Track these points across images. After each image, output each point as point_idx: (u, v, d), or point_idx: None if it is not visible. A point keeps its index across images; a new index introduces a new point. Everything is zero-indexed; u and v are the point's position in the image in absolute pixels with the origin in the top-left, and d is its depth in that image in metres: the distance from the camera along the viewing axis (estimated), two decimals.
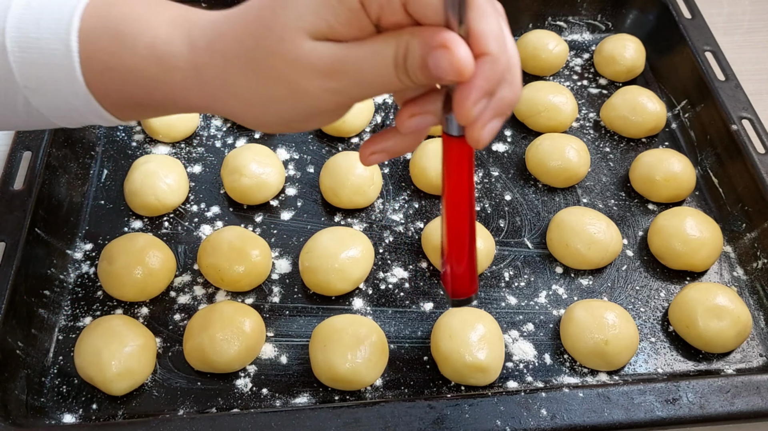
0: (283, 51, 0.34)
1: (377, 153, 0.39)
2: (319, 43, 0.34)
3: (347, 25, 0.34)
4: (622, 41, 0.75)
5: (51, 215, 0.59)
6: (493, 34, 0.33)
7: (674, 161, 0.64)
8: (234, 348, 0.51)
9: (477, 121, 0.35)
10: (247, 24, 0.36)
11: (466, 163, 0.39)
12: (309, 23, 0.34)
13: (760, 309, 0.58)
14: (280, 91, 0.36)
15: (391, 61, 0.34)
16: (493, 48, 0.33)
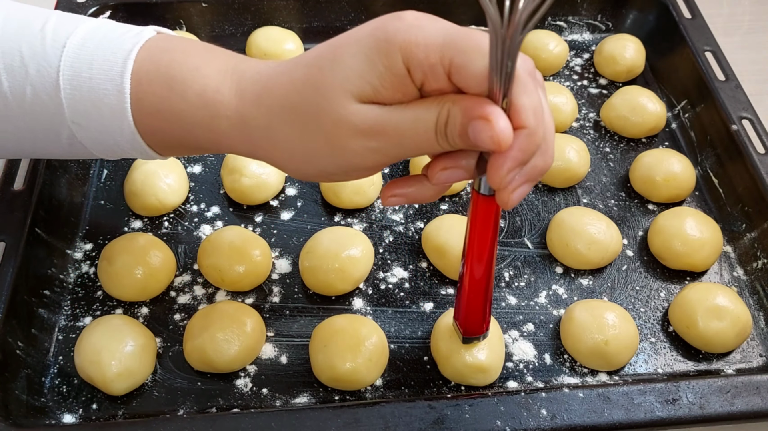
0: (328, 110, 0.36)
1: (398, 196, 0.41)
2: (363, 106, 0.36)
3: (392, 89, 0.35)
4: (622, 41, 0.75)
5: (51, 215, 0.59)
6: (533, 108, 0.35)
7: (674, 161, 0.64)
8: (234, 348, 0.51)
9: (508, 186, 0.36)
10: (294, 81, 0.38)
11: (493, 218, 0.41)
12: (355, 86, 0.35)
13: (760, 310, 0.58)
14: (323, 147, 0.37)
15: (432, 126, 0.35)
16: (531, 122, 0.35)
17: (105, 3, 0.72)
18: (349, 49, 0.36)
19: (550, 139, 0.37)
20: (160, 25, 0.75)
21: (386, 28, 0.35)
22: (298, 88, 0.37)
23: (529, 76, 0.35)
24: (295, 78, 0.38)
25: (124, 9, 0.74)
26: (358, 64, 0.35)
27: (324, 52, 0.37)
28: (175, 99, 0.40)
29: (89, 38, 0.42)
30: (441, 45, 0.34)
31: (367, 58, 0.35)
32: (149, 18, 0.74)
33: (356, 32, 0.37)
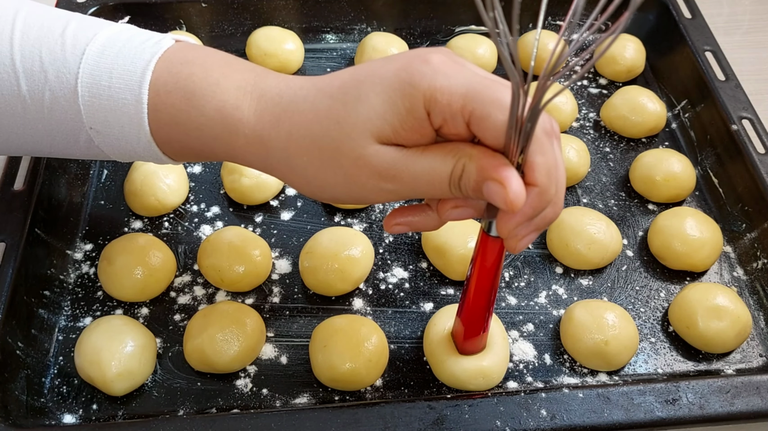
0: (347, 148, 0.37)
1: (402, 225, 0.42)
2: (382, 147, 0.37)
3: (410, 131, 0.36)
4: (622, 41, 0.75)
5: (51, 215, 0.59)
6: (546, 167, 0.36)
7: (674, 161, 0.64)
8: (234, 348, 0.51)
9: (516, 237, 0.37)
10: (317, 112, 0.38)
11: (497, 257, 0.42)
12: (376, 127, 0.36)
13: (760, 309, 0.58)
14: (338, 180, 0.38)
15: (446, 177, 0.37)
16: (543, 182, 0.36)
17: (105, 3, 0.72)
18: (374, 88, 0.36)
19: (561, 193, 0.38)
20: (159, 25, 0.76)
21: (412, 71, 0.36)
22: (321, 120, 0.38)
23: (546, 136, 0.36)
24: (319, 109, 0.38)
25: (124, 9, 0.73)
26: (380, 104, 0.36)
27: (348, 86, 0.38)
28: (194, 113, 0.41)
29: (109, 46, 0.42)
30: (464, 95, 0.35)
31: (390, 99, 0.36)
32: (149, 18, 0.74)
33: (382, 68, 0.37)
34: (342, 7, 0.77)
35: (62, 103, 0.42)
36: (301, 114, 0.39)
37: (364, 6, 0.77)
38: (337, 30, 0.78)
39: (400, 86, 0.36)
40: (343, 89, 0.38)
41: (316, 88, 0.39)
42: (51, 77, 0.42)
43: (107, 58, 0.42)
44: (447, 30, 0.79)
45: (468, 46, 0.73)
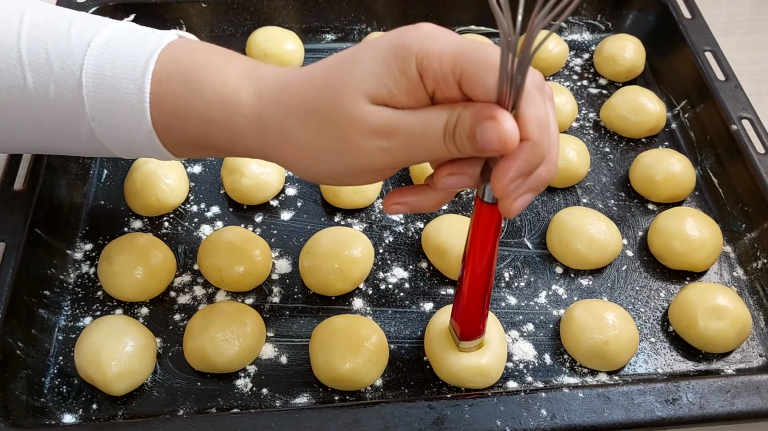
0: (342, 108, 0.37)
1: (400, 204, 0.42)
2: (376, 107, 0.37)
3: (405, 93, 0.37)
4: (622, 41, 0.75)
5: (51, 215, 0.59)
6: (538, 120, 0.36)
7: (674, 161, 0.64)
8: (234, 348, 0.51)
9: (511, 194, 0.37)
10: (312, 81, 0.39)
11: (494, 226, 0.42)
12: (371, 87, 0.37)
13: (760, 309, 0.58)
14: (334, 145, 0.39)
15: (441, 128, 0.37)
16: (536, 134, 0.36)
17: (105, 3, 0.72)
18: (368, 54, 0.37)
19: (555, 151, 0.38)
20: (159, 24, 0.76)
21: (404, 37, 0.37)
22: (316, 87, 0.39)
23: (537, 90, 0.36)
24: (314, 79, 0.39)
25: (124, 9, 0.73)
26: (375, 67, 0.37)
27: (343, 57, 0.39)
28: (194, 98, 0.41)
29: (114, 38, 0.43)
30: (454, 55, 0.36)
31: (384, 62, 0.36)
32: (149, 18, 0.74)
33: (376, 40, 0.38)
34: (342, 7, 0.77)
35: (66, 95, 0.42)
36: (297, 86, 0.39)
37: (364, 6, 0.77)
38: (337, 30, 0.78)
39: (393, 50, 0.36)
40: (338, 59, 0.39)
41: (312, 66, 0.40)
42: (56, 69, 0.42)
43: (111, 50, 0.42)
44: None
45: None
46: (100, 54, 0.42)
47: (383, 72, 0.36)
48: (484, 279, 0.45)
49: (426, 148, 0.38)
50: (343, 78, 0.37)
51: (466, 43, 0.36)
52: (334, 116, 0.38)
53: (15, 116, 0.44)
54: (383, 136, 0.37)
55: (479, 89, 0.36)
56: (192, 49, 0.43)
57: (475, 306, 0.47)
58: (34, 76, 0.42)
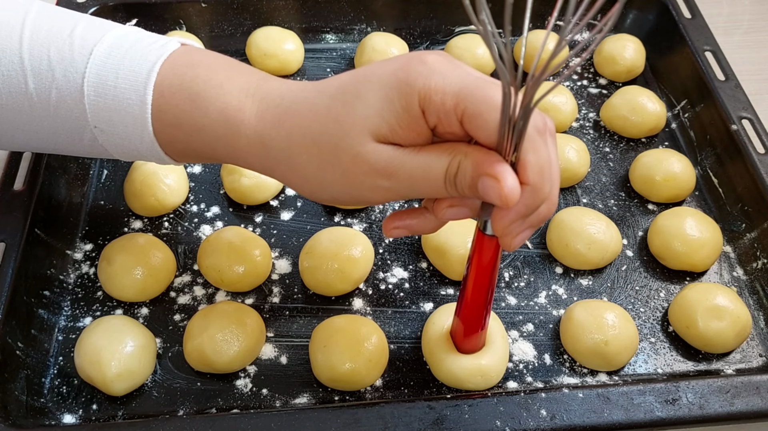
0: (346, 146, 0.38)
1: (400, 228, 0.43)
2: (379, 145, 0.37)
3: (407, 129, 0.37)
4: (622, 41, 0.75)
5: (51, 215, 0.59)
6: (539, 166, 0.36)
7: (674, 161, 0.64)
8: (234, 348, 0.51)
9: (510, 234, 0.38)
10: (316, 111, 0.39)
11: (494, 255, 0.42)
12: (374, 125, 0.37)
13: (760, 309, 0.58)
14: (337, 178, 0.39)
15: (441, 175, 0.37)
16: (536, 180, 0.36)
17: (105, 3, 0.72)
18: (372, 87, 0.37)
19: (555, 191, 0.39)
20: (159, 25, 0.76)
21: (409, 70, 0.37)
22: (320, 119, 0.39)
23: (539, 135, 0.36)
24: (318, 108, 0.39)
25: (124, 9, 0.73)
26: (378, 102, 0.37)
27: (347, 86, 0.39)
28: (197, 114, 0.41)
29: (116, 47, 0.43)
30: (457, 93, 0.36)
31: (387, 97, 0.37)
32: (149, 18, 0.74)
33: (380, 68, 0.38)
34: (342, 7, 0.77)
35: (68, 102, 0.42)
36: (301, 114, 0.39)
37: (364, 6, 0.77)
38: (337, 30, 0.78)
39: (397, 85, 0.36)
40: (342, 89, 0.39)
41: (316, 90, 0.40)
42: (58, 76, 0.42)
43: (114, 59, 0.42)
44: (447, 30, 0.79)
45: (468, 46, 0.73)
46: (103, 63, 0.42)
47: (386, 108, 0.37)
48: (483, 302, 0.46)
49: (426, 190, 0.38)
50: (347, 112, 0.38)
51: (471, 81, 0.36)
52: (338, 152, 0.38)
53: (17, 119, 0.44)
54: (385, 177, 0.38)
55: (480, 130, 0.36)
56: (195, 61, 0.43)
57: (474, 328, 0.48)
58: (35, 82, 0.42)
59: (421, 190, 0.39)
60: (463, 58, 0.73)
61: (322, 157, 0.39)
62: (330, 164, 0.39)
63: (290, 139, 0.39)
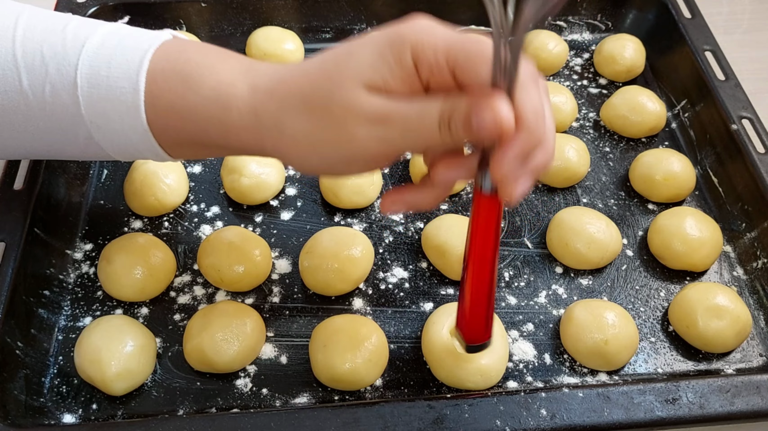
0: (338, 97, 0.38)
1: (398, 203, 0.43)
2: (372, 95, 0.38)
3: (400, 82, 0.37)
4: (622, 41, 0.75)
5: (51, 215, 0.59)
6: (533, 107, 0.37)
7: (674, 161, 0.64)
8: (234, 348, 0.51)
9: (510, 179, 0.38)
10: (309, 74, 0.40)
11: (495, 219, 0.41)
12: (367, 76, 0.37)
13: (760, 309, 0.58)
14: (330, 134, 0.39)
15: (436, 116, 0.37)
16: (531, 120, 0.37)
17: (105, 3, 0.72)
18: (364, 45, 0.38)
19: (551, 137, 0.39)
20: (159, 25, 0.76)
21: (399, 28, 0.38)
22: (312, 79, 0.39)
23: (531, 79, 0.37)
24: (310, 71, 0.40)
25: (124, 9, 0.73)
26: (370, 57, 0.37)
27: (340, 50, 0.39)
28: (189, 95, 0.41)
29: (108, 38, 0.43)
30: (448, 45, 0.37)
31: (380, 52, 0.37)
32: (149, 18, 0.74)
33: (372, 33, 0.39)
34: (342, 7, 0.77)
35: (63, 97, 0.43)
36: (293, 80, 0.40)
37: (363, 6, 0.77)
38: (336, 30, 0.78)
39: (389, 41, 0.37)
40: (334, 53, 0.40)
41: (309, 59, 0.41)
42: (51, 71, 0.42)
43: (106, 50, 0.42)
44: None
45: None
46: (95, 54, 0.42)
47: (379, 62, 0.37)
48: (488, 277, 0.44)
49: (421, 136, 0.38)
50: (340, 69, 0.38)
51: (460, 36, 0.37)
52: (330, 106, 0.38)
53: (12, 119, 0.44)
54: (379, 123, 0.38)
55: (473, 78, 0.36)
56: (187, 47, 0.43)
57: (480, 307, 0.46)
58: (29, 78, 0.43)
59: (416, 138, 0.38)
60: None
61: (313, 114, 0.39)
62: (321, 120, 0.39)
63: (282, 103, 0.40)
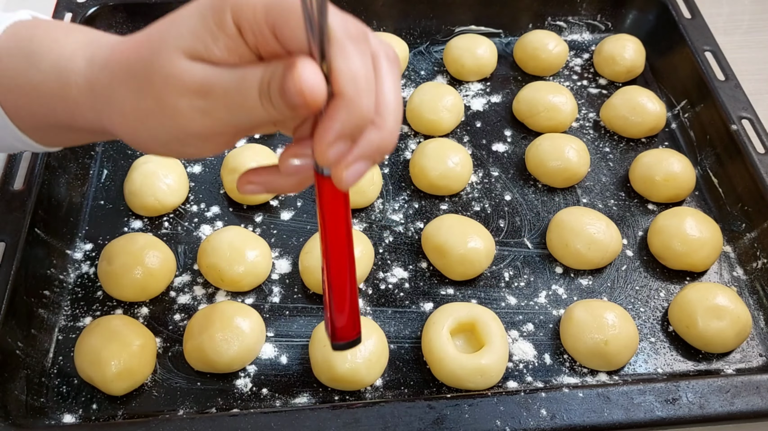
0: (157, 66, 0.35)
1: (254, 184, 0.39)
2: (194, 64, 0.35)
3: (225, 50, 0.34)
4: (622, 41, 0.75)
5: (51, 215, 0.59)
6: (352, 74, 0.33)
7: (674, 161, 0.64)
8: (234, 348, 0.51)
9: (338, 163, 0.34)
10: (136, 42, 0.37)
11: (342, 203, 0.38)
12: (187, 43, 0.35)
13: (760, 309, 0.58)
14: (153, 107, 0.36)
15: (255, 85, 0.34)
16: (348, 89, 0.33)
17: (105, 3, 0.72)
18: (187, 10, 0.35)
19: (389, 115, 0.35)
20: None
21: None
22: (137, 47, 0.37)
23: (351, 41, 0.33)
24: (138, 40, 0.37)
25: (124, 9, 0.74)
26: (192, 22, 0.35)
27: (168, 17, 0.37)
28: (32, 71, 0.40)
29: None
30: (266, 4, 0.33)
31: (202, 16, 0.34)
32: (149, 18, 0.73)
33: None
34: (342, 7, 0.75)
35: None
36: (123, 50, 0.38)
37: (364, 6, 0.77)
38: None
39: (211, 3, 0.34)
40: (162, 20, 0.37)
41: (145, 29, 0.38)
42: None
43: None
44: (447, 30, 0.79)
45: (468, 46, 0.73)
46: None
47: (200, 27, 0.34)
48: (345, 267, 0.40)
49: (244, 108, 0.35)
50: (161, 36, 0.35)
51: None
52: (150, 76, 0.36)
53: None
54: (199, 95, 0.35)
55: (291, 41, 0.33)
56: (37, 24, 0.42)
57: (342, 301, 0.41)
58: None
59: (239, 110, 0.35)
60: (463, 58, 0.73)
61: (137, 85, 0.36)
62: (144, 91, 0.36)
63: (112, 76, 0.38)
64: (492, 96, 0.74)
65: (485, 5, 0.78)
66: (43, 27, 0.41)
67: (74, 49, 0.40)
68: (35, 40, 0.41)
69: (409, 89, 0.74)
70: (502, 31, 0.79)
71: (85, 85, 0.39)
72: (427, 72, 0.76)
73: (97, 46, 0.39)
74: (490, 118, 0.72)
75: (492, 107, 0.73)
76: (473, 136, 0.70)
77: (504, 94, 0.74)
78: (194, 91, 0.35)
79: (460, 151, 0.64)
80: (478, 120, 0.72)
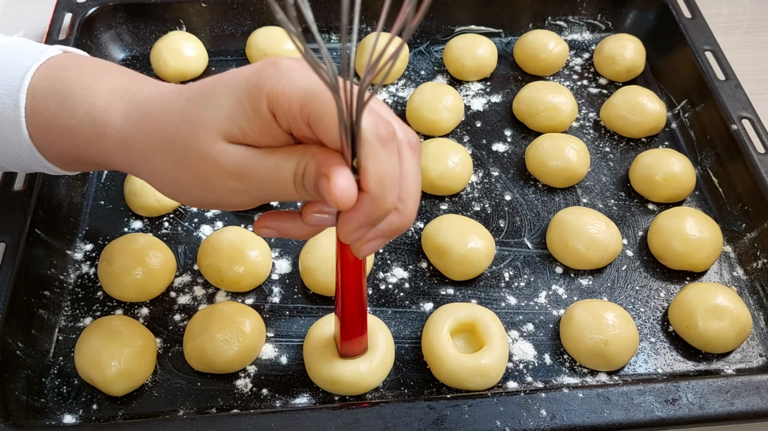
0: (195, 146, 0.37)
1: (270, 229, 0.41)
2: (230, 146, 0.37)
3: (260, 133, 0.37)
4: (622, 41, 0.75)
5: (51, 216, 0.59)
6: (378, 175, 0.35)
7: (674, 161, 0.64)
8: (234, 348, 0.51)
9: (354, 242, 0.37)
10: (173, 112, 0.39)
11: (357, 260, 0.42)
12: (224, 126, 0.37)
13: (760, 309, 0.58)
14: (192, 181, 0.39)
15: (290, 176, 0.36)
16: (374, 188, 0.35)
17: (105, 3, 0.72)
18: (225, 90, 0.37)
19: (409, 201, 0.38)
20: (159, 25, 0.76)
21: (260, 74, 0.36)
22: (175, 120, 0.39)
23: (381, 143, 0.35)
24: (175, 110, 0.39)
25: (124, 9, 0.74)
26: (229, 105, 0.37)
27: (204, 88, 0.39)
28: (66, 115, 0.42)
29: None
30: (302, 97, 0.35)
31: (238, 100, 0.36)
32: (149, 18, 0.75)
33: (237, 73, 0.38)
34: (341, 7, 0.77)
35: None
36: (160, 115, 0.39)
37: (364, 6, 0.75)
38: (337, 30, 0.78)
39: (248, 88, 0.36)
40: (199, 91, 0.39)
41: (178, 92, 0.40)
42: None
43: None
44: (447, 30, 0.79)
45: (468, 46, 0.73)
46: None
47: (236, 111, 0.36)
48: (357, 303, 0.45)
49: (279, 192, 0.38)
50: (198, 114, 0.37)
51: (318, 84, 0.35)
52: (189, 153, 0.38)
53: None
54: (236, 178, 0.37)
55: (324, 134, 0.35)
56: (69, 64, 0.43)
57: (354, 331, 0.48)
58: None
59: (274, 193, 0.38)
60: (463, 58, 0.73)
61: (175, 159, 0.38)
62: (182, 166, 0.38)
63: (149, 140, 0.39)
64: (492, 96, 0.74)
65: (485, 5, 0.78)
66: (76, 69, 0.43)
67: (108, 99, 0.41)
68: (69, 83, 0.42)
69: (409, 89, 0.74)
70: (502, 30, 0.79)
71: (120, 140, 0.41)
72: (427, 72, 0.76)
73: (131, 97, 0.41)
74: (490, 117, 0.72)
75: (492, 107, 0.73)
76: (473, 136, 0.70)
77: (504, 94, 0.74)
78: (232, 174, 0.37)
79: (460, 151, 0.64)
80: (478, 120, 0.72)
